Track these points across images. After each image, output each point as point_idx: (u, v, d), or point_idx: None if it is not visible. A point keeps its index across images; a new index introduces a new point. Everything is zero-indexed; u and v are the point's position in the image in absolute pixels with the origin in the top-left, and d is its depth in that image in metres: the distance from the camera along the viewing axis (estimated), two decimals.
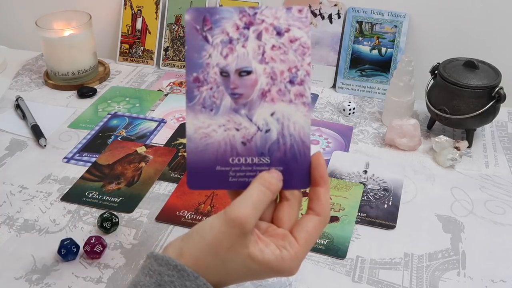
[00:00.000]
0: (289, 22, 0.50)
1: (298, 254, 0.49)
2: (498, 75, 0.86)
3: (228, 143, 0.51)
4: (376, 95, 1.06)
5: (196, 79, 0.51)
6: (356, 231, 0.72)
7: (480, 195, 0.79)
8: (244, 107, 0.51)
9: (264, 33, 0.50)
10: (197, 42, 0.50)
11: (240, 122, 0.51)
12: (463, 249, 0.69)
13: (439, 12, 1.04)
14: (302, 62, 0.51)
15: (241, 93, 0.51)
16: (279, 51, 0.51)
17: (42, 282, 0.64)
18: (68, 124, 0.96)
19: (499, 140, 0.93)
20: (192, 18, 0.50)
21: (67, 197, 0.78)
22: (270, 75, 0.51)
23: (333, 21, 1.08)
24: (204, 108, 0.51)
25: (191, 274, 0.47)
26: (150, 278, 0.47)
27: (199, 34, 0.50)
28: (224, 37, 0.50)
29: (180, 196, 0.78)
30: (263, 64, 0.51)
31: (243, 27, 0.50)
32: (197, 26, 0.50)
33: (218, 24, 0.50)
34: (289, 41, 0.51)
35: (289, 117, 0.51)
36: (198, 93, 0.51)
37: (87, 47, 1.09)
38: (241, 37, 0.51)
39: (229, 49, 0.51)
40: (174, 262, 0.47)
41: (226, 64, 0.51)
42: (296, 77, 0.51)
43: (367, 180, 0.81)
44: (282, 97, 0.51)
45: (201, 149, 0.51)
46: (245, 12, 0.50)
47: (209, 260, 0.48)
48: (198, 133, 0.51)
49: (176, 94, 1.07)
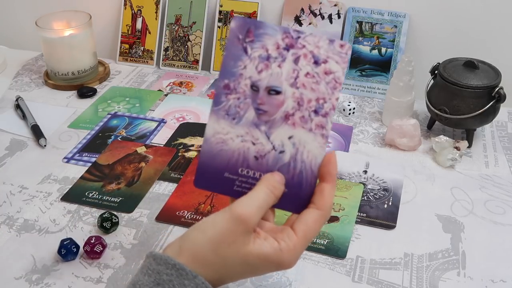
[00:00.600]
0: (329, 54, 0.51)
1: (296, 246, 0.49)
2: (498, 75, 0.86)
3: (241, 154, 0.52)
4: (376, 95, 1.06)
5: (227, 86, 0.52)
6: (356, 231, 0.72)
7: (480, 195, 0.79)
8: (265, 124, 0.52)
9: (302, 59, 0.51)
10: (236, 51, 0.51)
11: (258, 137, 0.52)
12: (463, 249, 0.69)
13: (439, 12, 1.04)
14: (331, 96, 0.51)
15: (265, 110, 0.52)
16: (312, 80, 0.51)
17: (42, 282, 0.64)
18: (68, 124, 0.96)
19: (499, 140, 0.93)
20: (236, 26, 0.51)
21: (67, 197, 0.78)
22: (298, 100, 0.51)
23: (333, 21, 1.08)
24: (227, 115, 0.52)
25: (189, 273, 0.47)
26: (149, 277, 0.47)
27: (239, 44, 0.51)
28: (263, 52, 0.51)
29: (180, 196, 0.78)
30: (294, 88, 0.51)
31: (284, 47, 0.51)
32: (239, 35, 0.51)
33: (260, 38, 0.51)
34: (324, 72, 0.51)
35: (305, 144, 0.52)
36: (225, 100, 0.52)
37: (87, 47, 1.09)
38: (279, 57, 0.51)
39: (264, 65, 0.51)
40: (172, 261, 0.47)
41: (258, 79, 0.52)
42: (321, 108, 0.51)
43: (367, 180, 0.81)
44: (303, 124, 0.52)
45: (214, 153, 0.52)
46: (289, 34, 0.51)
47: (208, 256, 0.48)
48: (215, 137, 0.52)
49: (176, 94, 1.07)
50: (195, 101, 1.04)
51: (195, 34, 1.15)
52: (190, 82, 1.11)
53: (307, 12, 1.09)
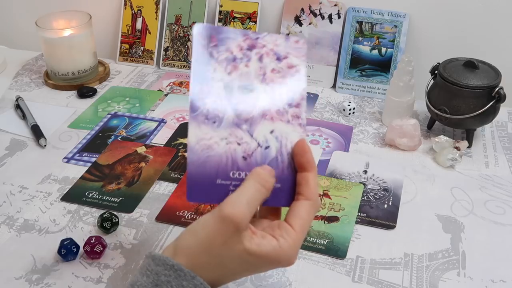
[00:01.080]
0: (287, 50, 0.54)
1: (295, 241, 0.49)
2: (498, 75, 0.86)
3: (229, 157, 0.52)
4: (376, 95, 1.06)
5: (201, 90, 0.52)
6: (356, 231, 0.72)
7: (480, 195, 0.79)
8: (245, 122, 0.53)
9: (265, 57, 0.53)
10: (204, 56, 0.52)
11: (242, 137, 0.52)
12: (463, 249, 0.69)
13: (439, 12, 1.04)
14: (298, 87, 0.54)
15: (243, 109, 0.52)
16: (278, 74, 0.53)
17: (42, 282, 0.64)
18: (68, 124, 0.96)
19: (499, 140, 0.93)
20: (199, 33, 0.52)
21: (67, 197, 0.78)
22: (270, 95, 0.53)
23: (333, 21, 1.08)
24: (207, 120, 0.52)
25: (188, 273, 0.47)
26: (147, 278, 0.47)
27: (205, 49, 0.52)
28: (228, 55, 0.53)
29: (180, 196, 0.78)
30: (264, 84, 0.53)
31: (246, 48, 0.53)
32: (203, 41, 0.52)
33: (223, 42, 0.53)
34: (287, 66, 0.54)
35: (287, 136, 0.53)
36: (202, 104, 0.52)
37: (87, 47, 1.09)
38: (244, 57, 0.53)
39: (233, 67, 0.53)
40: (171, 262, 0.47)
41: (230, 80, 0.52)
42: (293, 100, 0.53)
43: (367, 180, 0.81)
44: (280, 117, 0.53)
45: (202, 161, 0.51)
46: (248, 36, 0.53)
47: (203, 257, 0.48)
48: (200, 144, 0.51)
49: (176, 94, 1.07)
50: None
51: None
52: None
53: (307, 12, 1.09)
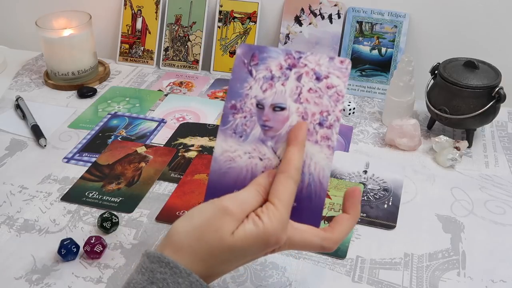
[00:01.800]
0: (330, 70, 0.53)
1: (276, 214, 0.48)
2: (498, 75, 0.86)
3: (249, 170, 0.53)
4: (376, 95, 1.06)
5: (233, 106, 0.54)
6: (356, 231, 0.72)
7: (480, 195, 0.79)
8: (271, 139, 0.53)
9: (304, 76, 0.53)
10: (242, 74, 0.54)
11: (265, 153, 0.53)
12: (463, 249, 0.69)
13: (439, 12, 1.04)
14: (335, 108, 0.53)
15: (271, 126, 0.53)
16: (314, 94, 0.53)
17: (42, 282, 0.64)
18: (68, 124, 0.96)
19: (499, 140, 0.93)
20: (242, 52, 0.54)
21: (67, 197, 0.78)
22: (302, 114, 0.53)
23: (333, 21, 1.08)
24: (234, 134, 0.54)
25: (183, 271, 0.47)
26: (143, 275, 0.47)
27: (245, 67, 0.54)
28: (267, 73, 0.54)
29: (180, 196, 0.78)
30: (297, 104, 0.53)
31: (286, 67, 0.53)
32: (245, 60, 0.54)
33: (264, 61, 0.54)
34: (326, 87, 0.53)
35: (312, 156, 0.53)
36: (232, 119, 0.54)
37: (87, 47, 1.09)
38: (283, 76, 0.53)
39: (269, 85, 0.53)
40: (166, 259, 0.47)
41: (263, 98, 0.53)
42: (326, 120, 0.53)
43: (367, 180, 0.81)
44: (309, 137, 0.53)
45: (223, 171, 0.54)
46: (291, 55, 0.53)
47: (193, 244, 0.48)
48: (224, 156, 0.54)
49: (176, 94, 1.07)
50: (195, 101, 1.04)
51: (195, 34, 1.15)
52: (190, 82, 1.11)
53: (307, 12, 1.09)
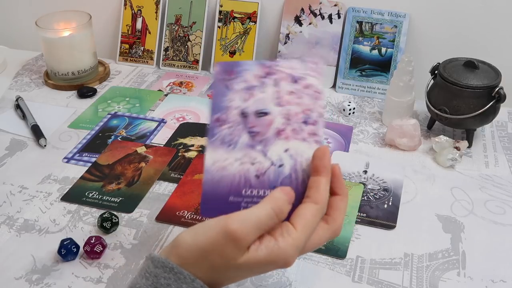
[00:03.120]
0: (304, 71, 0.56)
1: (295, 240, 0.48)
2: (498, 75, 0.86)
3: (242, 176, 0.54)
4: (376, 95, 1.06)
5: (218, 119, 0.55)
6: (356, 231, 0.72)
7: (480, 195, 0.79)
8: (260, 143, 0.54)
9: (282, 81, 0.56)
10: (222, 89, 0.56)
11: (255, 157, 0.54)
12: (463, 249, 0.70)
13: (439, 12, 1.04)
14: (315, 105, 0.55)
15: (258, 131, 0.55)
16: (294, 96, 0.55)
17: (42, 282, 0.64)
18: (68, 124, 0.96)
19: (499, 140, 0.93)
20: (219, 71, 0.56)
21: (67, 197, 0.78)
22: (286, 116, 0.55)
23: (333, 21, 1.08)
24: (223, 144, 0.55)
25: (187, 276, 0.46)
26: (147, 280, 0.47)
27: (223, 83, 0.56)
28: (245, 84, 0.55)
29: (180, 196, 0.78)
30: (279, 107, 0.55)
31: (263, 76, 0.55)
32: (222, 77, 0.56)
33: (240, 74, 0.56)
34: (304, 87, 0.55)
35: (302, 153, 0.54)
36: (219, 131, 0.55)
37: (87, 47, 1.09)
38: (261, 85, 0.56)
39: (249, 94, 0.55)
40: (170, 264, 0.47)
41: (246, 107, 0.55)
42: (310, 118, 0.55)
43: (367, 180, 0.81)
44: (296, 135, 0.54)
45: (216, 180, 0.54)
46: (265, 64, 0.56)
47: (197, 259, 0.47)
48: (215, 166, 0.54)
49: (176, 94, 1.07)
50: (195, 101, 1.04)
51: (195, 34, 1.15)
52: (190, 82, 1.11)
53: (307, 12, 1.09)
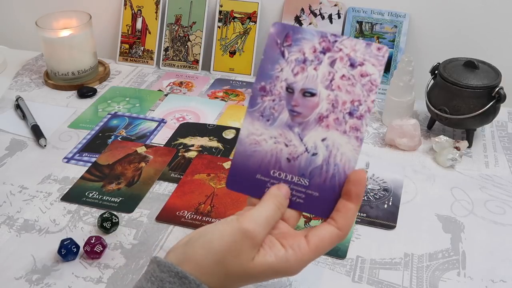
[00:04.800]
0: (365, 56, 0.51)
1: (304, 256, 0.48)
2: (498, 75, 0.86)
3: (274, 155, 0.52)
4: (376, 95, 1.05)
5: (263, 88, 0.52)
6: (356, 231, 0.72)
7: (480, 195, 0.79)
8: (298, 125, 0.52)
9: (338, 61, 0.51)
10: (274, 54, 0.52)
11: (291, 139, 0.52)
12: (463, 249, 0.70)
13: (439, 12, 1.04)
14: (367, 98, 0.51)
15: (299, 112, 0.52)
16: (347, 82, 0.51)
17: (42, 282, 0.64)
18: (68, 124, 0.96)
19: (499, 140, 0.93)
20: (275, 31, 0.52)
21: (67, 197, 0.78)
22: (332, 102, 0.51)
23: (333, 21, 1.08)
24: (262, 117, 0.52)
25: (193, 281, 0.46)
26: (152, 284, 0.47)
27: (277, 48, 0.52)
28: (299, 56, 0.52)
29: (180, 196, 0.78)
30: (329, 90, 0.51)
31: (320, 51, 0.51)
32: (278, 40, 0.52)
33: (297, 43, 0.51)
34: (360, 75, 0.51)
35: (338, 147, 0.51)
36: (261, 102, 0.52)
37: (87, 47, 1.09)
38: (315, 60, 0.51)
39: (300, 68, 0.52)
40: (176, 268, 0.47)
41: (294, 82, 0.52)
42: (356, 110, 0.51)
43: (367, 180, 0.81)
44: (337, 126, 0.51)
45: (248, 154, 0.53)
46: (326, 38, 0.51)
47: (212, 267, 0.47)
48: (249, 138, 0.53)
49: (176, 94, 1.07)
50: (195, 101, 1.04)
51: (195, 34, 1.15)
52: (190, 82, 1.11)
53: (307, 12, 1.09)
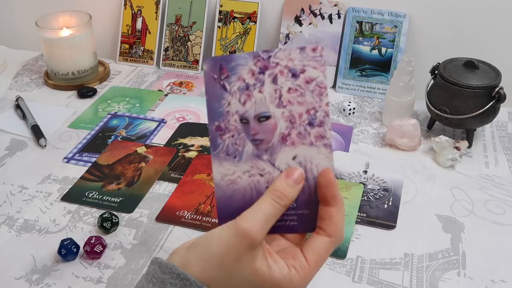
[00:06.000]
0: (304, 62, 0.50)
1: (307, 275, 0.48)
2: (498, 75, 0.86)
3: (253, 188, 0.51)
4: (376, 95, 1.06)
5: (218, 127, 0.51)
6: (356, 231, 0.72)
7: (480, 195, 0.79)
8: (265, 152, 0.51)
9: (280, 76, 0.50)
10: (216, 91, 0.51)
11: (264, 168, 0.51)
12: (463, 249, 0.70)
13: (439, 12, 1.04)
14: (320, 103, 0.50)
15: (261, 139, 0.51)
16: (295, 93, 0.50)
17: (42, 282, 0.64)
18: (68, 124, 0.96)
19: (499, 140, 0.93)
20: (209, 67, 0.51)
21: (67, 197, 0.78)
22: (289, 118, 0.50)
23: (333, 21, 1.08)
24: (228, 156, 0.51)
25: (194, 283, 0.46)
26: (153, 285, 0.47)
27: (217, 83, 0.51)
28: (241, 84, 0.50)
29: (180, 196, 0.78)
30: (281, 108, 0.50)
31: (258, 72, 0.50)
32: (214, 75, 0.51)
33: (234, 71, 0.50)
34: (305, 82, 0.50)
35: (311, 160, 0.50)
36: (221, 141, 0.51)
37: (87, 47, 1.09)
38: (257, 82, 0.50)
39: (246, 96, 0.50)
40: (177, 270, 0.47)
41: (245, 111, 0.51)
42: (315, 118, 0.50)
43: (367, 180, 0.81)
44: (302, 140, 0.50)
45: (228, 196, 0.52)
46: (259, 57, 0.50)
47: (215, 271, 0.47)
48: (224, 180, 0.52)
49: (176, 94, 1.07)
50: (195, 101, 1.04)
51: (195, 34, 1.15)
52: (190, 82, 1.11)
53: (307, 12, 1.09)
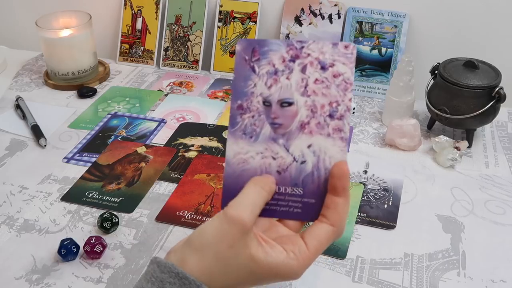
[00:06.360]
0: (334, 57, 0.51)
1: (306, 261, 0.49)
2: (498, 75, 0.86)
3: (263, 171, 0.52)
4: (376, 95, 1.06)
5: (240, 106, 0.52)
6: (356, 231, 0.72)
7: (480, 195, 0.79)
8: (282, 137, 0.52)
9: (309, 67, 0.51)
10: (245, 71, 0.52)
11: (277, 151, 0.52)
12: (463, 249, 0.70)
13: (439, 12, 1.04)
14: (344, 97, 0.51)
15: (280, 123, 0.52)
16: (321, 85, 0.51)
17: (42, 282, 0.64)
18: (68, 124, 0.96)
19: (499, 140, 0.93)
20: (242, 48, 0.52)
21: (67, 197, 0.78)
22: (311, 107, 0.51)
23: (333, 21, 1.08)
24: (244, 135, 0.52)
25: (193, 282, 0.46)
26: (152, 284, 0.47)
27: (247, 64, 0.52)
28: (270, 68, 0.52)
29: (180, 196, 0.78)
30: (305, 97, 0.51)
31: (289, 59, 0.52)
32: (246, 56, 0.52)
33: (265, 55, 0.52)
34: (333, 76, 0.51)
35: (325, 150, 0.51)
36: (241, 120, 0.52)
37: (87, 47, 1.09)
38: (286, 69, 0.52)
39: (273, 80, 0.52)
40: (176, 269, 0.47)
41: (269, 94, 0.52)
42: (336, 111, 0.51)
43: (367, 180, 0.81)
44: (320, 130, 0.51)
45: (237, 174, 0.52)
46: (292, 46, 0.52)
47: (212, 263, 0.47)
48: (236, 158, 0.52)
49: (176, 94, 1.07)
50: (195, 101, 1.04)
51: (195, 34, 1.15)
52: (190, 82, 1.11)
53: (307, 12, 1.09)
